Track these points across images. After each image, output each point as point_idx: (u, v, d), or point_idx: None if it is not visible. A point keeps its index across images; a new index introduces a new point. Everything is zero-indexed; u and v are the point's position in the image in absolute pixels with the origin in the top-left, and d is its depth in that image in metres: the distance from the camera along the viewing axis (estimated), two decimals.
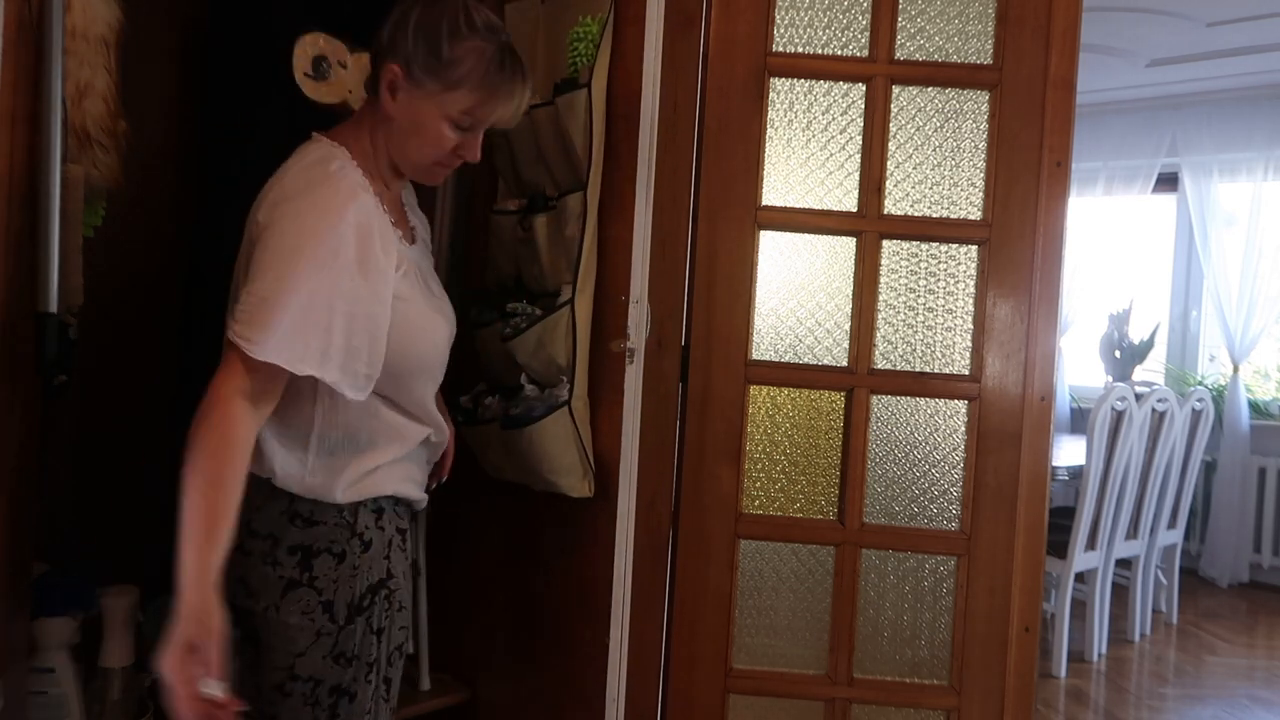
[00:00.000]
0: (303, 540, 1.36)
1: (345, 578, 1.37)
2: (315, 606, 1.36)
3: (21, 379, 1.41)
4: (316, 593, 1.36)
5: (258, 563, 1.36)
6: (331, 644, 1.37)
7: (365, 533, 1.40)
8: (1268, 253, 5.02)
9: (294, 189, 1.32)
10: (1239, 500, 5.00)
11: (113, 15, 1.48)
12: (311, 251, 1.26)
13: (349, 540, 1.38)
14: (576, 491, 1.81)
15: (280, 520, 1.36)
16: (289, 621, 1.36)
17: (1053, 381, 1.83)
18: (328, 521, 1.37)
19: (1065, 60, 1.81)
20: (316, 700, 1.38)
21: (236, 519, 1.30)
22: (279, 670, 1.38)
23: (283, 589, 1.36)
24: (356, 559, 1.38)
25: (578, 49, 1.83)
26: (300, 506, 1.37)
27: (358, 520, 1.39)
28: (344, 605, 1.37)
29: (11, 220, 1.36)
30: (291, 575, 1.36)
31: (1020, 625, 1.83)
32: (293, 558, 1.36)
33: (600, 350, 1.83)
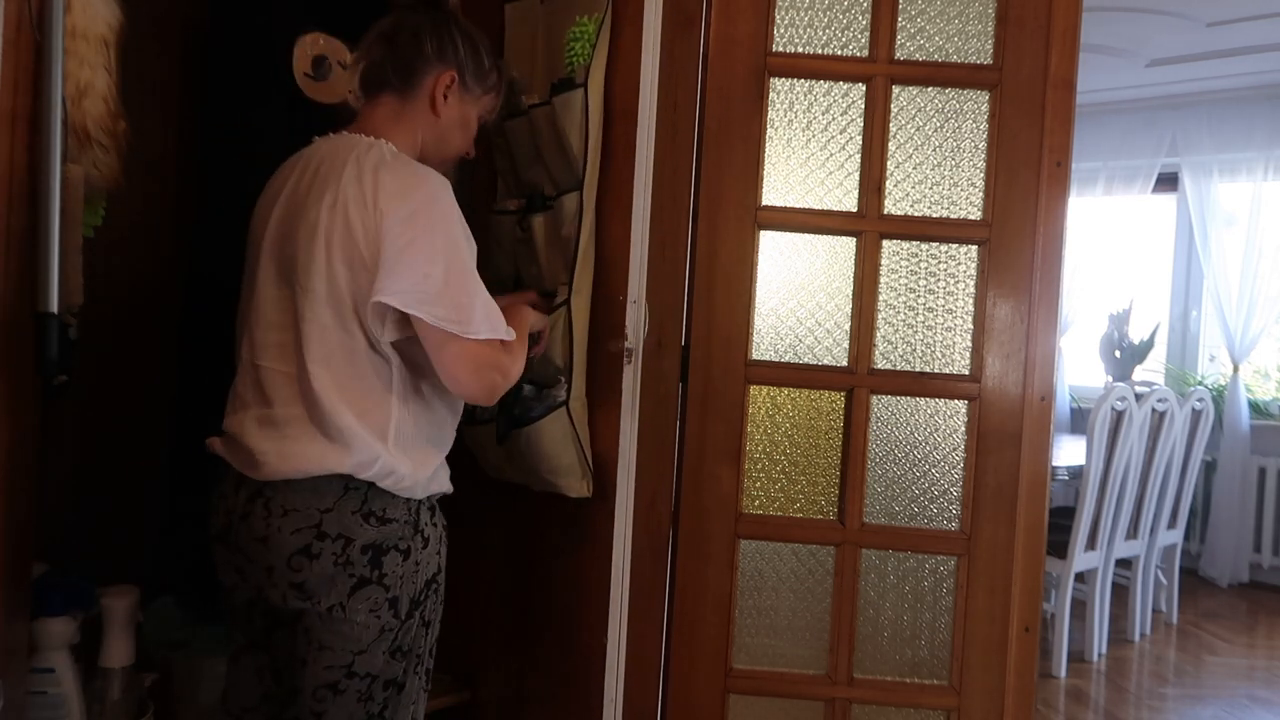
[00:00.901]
0: (375, 539, 1.39)
1: (409, 574, 1.42)
2: (383, 604, 1.39)
3: (21, 379, 1.41)
4: (385, 590, 1.39)
5: (326, 564, 1.37)
6: (392, 639, 1.41)
7: (425, 529, 1.46)
8: (1268, 253, 5.02)
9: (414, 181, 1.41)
10: (1239, 500, 5.00)
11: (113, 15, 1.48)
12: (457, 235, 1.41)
13: (414, 537, 1.43)
14: (575, 492, 1.81)
15: (353, 520, 1.38)
16: (356, 620, 1.38)
17: (1053, 381, 1.83)
18: (398, 519, 1.41)
19: (1065, 60, 1.81)
20: (370, 695, 1.41)
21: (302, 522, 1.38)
22: (335, 669, 1.39)
23: (351, 587, 1.37)
24: (419, 555, 1.44)
25: (574, 49, 1.83)
26: (374, 504, 1.39)
27: (420, 517, 1.45)
28: (407, 601, 1.42)
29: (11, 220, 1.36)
30: (362, 574, 1.38)
31: (1020, 625, 1.83)
32: (364, 556, 1.38)
33: (599, 351, 1.83)
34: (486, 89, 1.58)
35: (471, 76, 1.55)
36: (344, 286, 1.36)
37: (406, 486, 1.42)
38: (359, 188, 1.37)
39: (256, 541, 1.39)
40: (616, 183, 1.80)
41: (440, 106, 1.52)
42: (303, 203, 1.41)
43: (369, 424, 1.39)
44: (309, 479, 1.37)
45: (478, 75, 1.56)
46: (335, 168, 1.40)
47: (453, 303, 1.36)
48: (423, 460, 1.45)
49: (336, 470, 1.37)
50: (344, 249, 1.36)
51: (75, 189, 1.42)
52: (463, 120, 1.56)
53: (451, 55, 1.52)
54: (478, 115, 1.59)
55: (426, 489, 1.46)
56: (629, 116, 1.78)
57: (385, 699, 1.42)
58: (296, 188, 1.44)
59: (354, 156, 1.41)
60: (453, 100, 1.53)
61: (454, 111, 1.54)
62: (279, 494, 1.38)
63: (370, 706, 1.41)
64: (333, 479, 1.37)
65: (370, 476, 1.38)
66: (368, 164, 1.40)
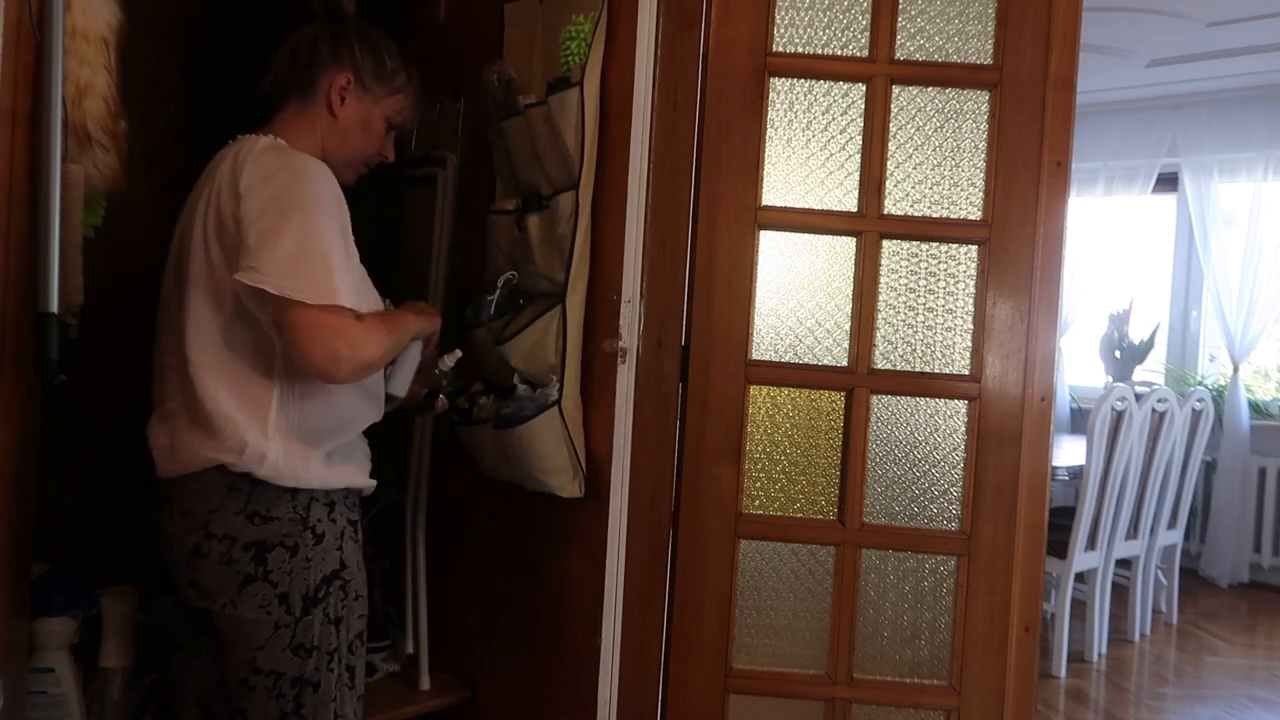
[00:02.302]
0: (258, 537, 1.41)
1: (299, 570, 1.43)
2: (271, 599, 1.41)
3: (21, 379, 1.41)
4: (272, 586, 1.41)
5: (214, 564, 1.41)
6: (290, 636, 1.42)
7: (317, 525, 1.45)
8: (1268, 253, 5.02)
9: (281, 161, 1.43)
10: (1239, 500, 5.00)
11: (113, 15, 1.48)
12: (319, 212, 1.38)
13: (301, 533, 1.43)
14: (566, 491, 1.82)
15: (237, 520, 1.40)
16: (246, 616, 1.41)
17: (1053, 381, 1.83)
18: (282, 517, 1.42)
19: (1065, 60, 1.81)
20: (280, 693, 1.43)
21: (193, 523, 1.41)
22: (242, 665, 1.43)
23: (239, 585, 1.40)
24: (309, 551, 1.44)
25: (570, 48, 1.83)
26: (257, 504, 1.41)
27: (310, 514, 1.45)
28: (299, 597, 1.43)
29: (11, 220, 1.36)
30: (247, 571, 1.40)
31: (1020, 625, 1.83)
32: (247, 554, 1.40)
33: (594, 350, 1.83)
34: (391, 90, 1.59)
35: (370, 77, 1.57)
36: (222, 272, 1.40)
37: (283, 474, 1.41)
38: (231, 177, 1.42)
39: (165, 541, 1.46)
40: (613, 182, 1.80)
41: (337, 107, 1.55)
42: (192, 203, 1.49)
43: (246, 409, 1.40)
44: (196, 478, 1.41)
45: (378, 76, 1.57)
46: (220, 164, 1.46)
47: (299, 272, 1.33)
48: (309, 447, 1.44)
49: (212, 460, 1.39)
50: (217, 234, 1.41)
51: (75, 189, 1.42)
52: (363, 121, 1.58)
53: (346, 58, 1.55)
54: (383, 116, 1.59)
55: (319, 480, 1.45)
56: (625, 116, 1.78)
57: (297, 696, 1.44)
58: (196, 191, 1.51)
59: (234, 152, 1.46)
60: (350, 101, 1.56)
61: (352, 112, 1.56)
62: (177, 494, 1.44)
63: (283, 704, 1.43)
64: (215, 476, 1.40)
65: (243, 465, 1.39)
66: (243, 154, 1.44)
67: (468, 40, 2.17)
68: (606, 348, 1.80)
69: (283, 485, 1.42)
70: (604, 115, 1.81)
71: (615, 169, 1.80)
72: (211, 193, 1.44)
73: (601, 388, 1.81)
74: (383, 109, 1.59)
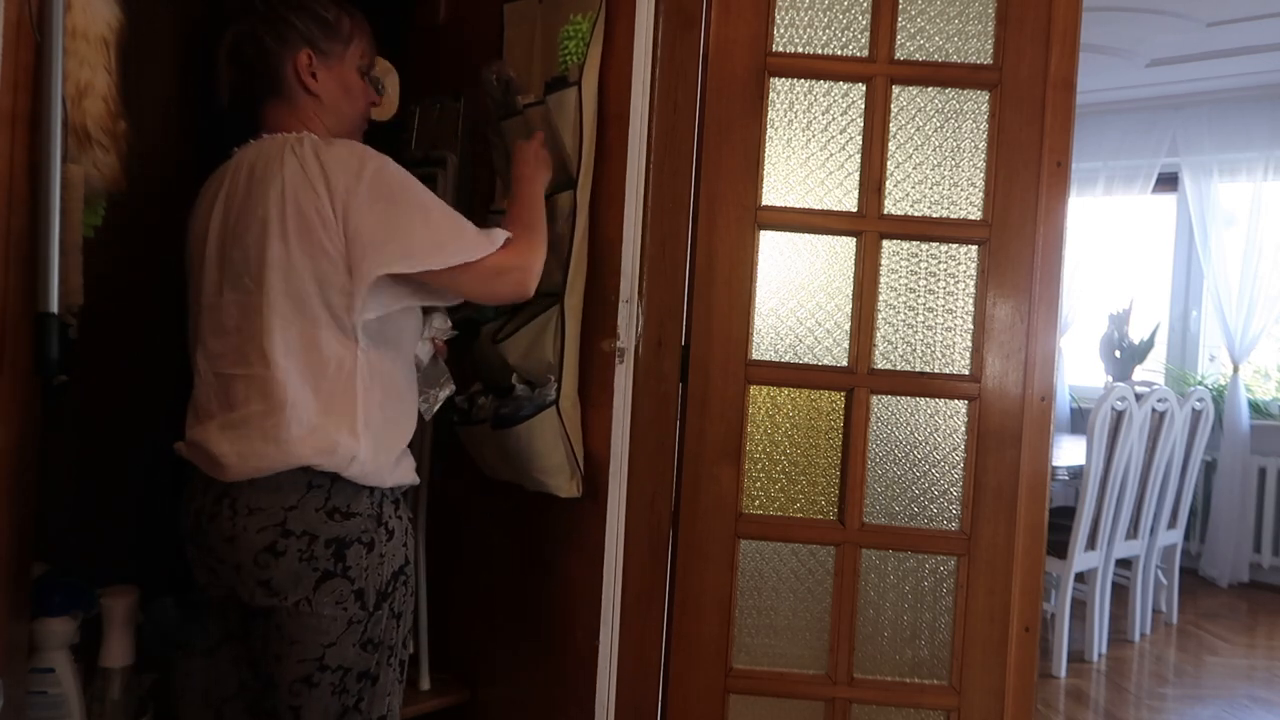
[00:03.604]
0: (339, 534, 1.41)
1: (374, 566, 1.44)
2: (348, 595, 1.42)
3: (21, 379, 1.41)
4: (350, 582, 1.42)
5: (291, 561, 1.39)
6: (361, 631, 1.43)
7: (389, 521, 1.47)
8: (1268, 253, 5.02)
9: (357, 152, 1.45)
10: (1239, 500, 5.00)
11: (113, 15, 1.48)
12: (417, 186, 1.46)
13: (377, 529, 1.45)
14: (564, 491, 1.82)
15: (317, 517, 1.40)
16: (323, 613, 1.40)
17: (1053, 381, 1.83)
18: (361, 513, 1.44)
19: (1065, 60, 1.81)
20: (344, 688, 1.43)
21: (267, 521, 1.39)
22: (307, 662, 1.42)
23: (316, 581, 1.40)
24: (383, 547, 1.46)
25: (568, 47, 1.83)
26: (337, 501, 1.42)
27: (383, 510, 1.47)
28: (373, 592, 1.44)
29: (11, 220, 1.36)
30: (326, 567, 1.40)
31: (1020, 625, 1.83)
32: (328, 550, 1.40)
33: (592, 350, 1.83)
34: (346, 41, 1.56)
35: (324, 42, 1.54)
36: (305, 275, 1.39)
37: (369, 473, 1.43)
38: (304, 176, 1.39)
39: (225, 541, 1.42)
40: (611, 182, 1.80)
41: (313, 87, 1.53)
42: (244, 205, 1.43)
43: (335, 412, 1.41)
44: (271, 477, 1.39)
45: (329, 36, 1.54)
46: (273, 164, 1.42)
47: (452, 242, 1.44)
48: (388, 444, 1.47)
49: (299, 463, 1.39)
50: (300, 237, 1.38)
51: (75, 189, 1.42)
52: (342, 85, 1.56)
53: (295, 35, 1.52)
54: (355, 69, 1.57)
55: (391, 478, 1.48)
56: (623, 115, 1.78)
57: (359, 691, 1.44)
58: (232, 194, 1.46)
59: (288, 149, 1.43)
60: (321, 74, 1.53)
61: (328, 84, 1.54)
62: (244, 494, 1.41)
63: (345, 699, 1.43)
64: (296, 475, 1.40)
65: (333, 465, 1.40)
66: (306, 153, 1.42)
67: (468, 40, 2.17)
68: (605, 348, 1.80)
69: (363, 484, 1.43)
70: (602, 115, 1.81)
71: (614, 168, 1.80)
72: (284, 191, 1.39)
73: (600, 388, 1.81)
74: (350, 63, 1.56)
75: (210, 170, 1.57)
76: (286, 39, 1.51)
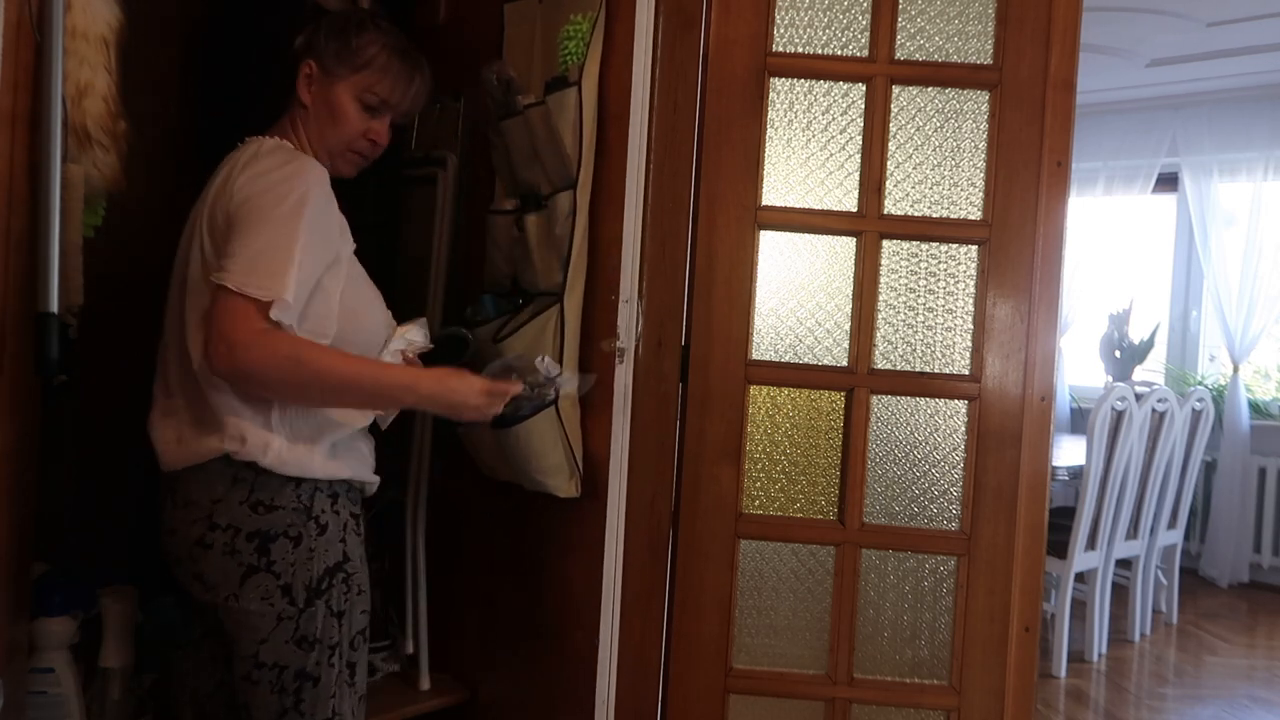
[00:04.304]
0: (261, 526, 1.40)
1: (302, 561, 1.42)
2: (274, 591, 1.40)
3: (21, 379, 1.41)
4: (274, 577, 1.40)
5: (217, 555, 1.40)
6: (293, 628, 1.41)
7: (321, 516, 1.45)
8: (1268, 253, 5.02)
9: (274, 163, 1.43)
10: (1239, 500, 5.00)
11: (113, 15, 1.48)
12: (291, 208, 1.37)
13: (305, 524, 1.42)
14: (563, 492, 1.82)
15: (241, 510, 1.40)
16: (249, 609, 1.39)
17: (1053, 381, 1.83)
18: (285, 506, 1.42)
19: (1065, 60, 1.81)
20: (282, 687, 1.42)
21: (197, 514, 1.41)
22: (245, 659, 1.42)
23: (241, 576, 1.39)
24: (313, 542, 1.43)
25: (568, 47, 1.83)
26: (261, 493, 1.40)
27: (314, 504, 1.44)
28: (302, 588, 1.41)
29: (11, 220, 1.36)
30: (250, 562, 1.39)
31: (1020, 625, 1.83)
32: (251, 544, 1.39)
33: (592, 350, 1.83)
34: (355, 67, 1.54)
35: (332, 58, 1.54)
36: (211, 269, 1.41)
37: (287, 462, 1.41)
38: (226, 182, 1.44)
39: (167, 534, 1.46)
40: (611, 182, 1.80)
41: (304, 97, 1.55)
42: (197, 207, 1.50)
43: (250, 402, 1.40)
44: (201, 469, 1.41)
45: (340, 56, 1.54)
46: (223, 166, 1.49)
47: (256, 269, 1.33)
48: (310, 434, 1.44)
49: (216, 450, 1.39)
50: (210, 233, 1.43)
51: (75, 189, 1.42)
52: (329, 107, 1.55)
53: (312, 46, 1.55)
54: (352, 96, 1.55)
55: (322, 469, 1.45)
56: (623, 115, 1.78)
57: (298, 690, 1.42)
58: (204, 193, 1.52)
59: (239, 153, 1.49)
60: (316, 88, 1.55)
61: (320, 99, 1.55)
62: (180, 485, 1.44)
63: (284, 699, 1.42)
64: (220, 466, 1.40)
65: (247, 454, 1.39)
66: (240, 159, 1.46)
67: (468, 40, 2.17)
68: (604, 348, 1.80)
69: (286, 474, 1.42)
70: (602, 115, 1.81)
71: (614, 169, 1.80)
72: (209, 194, 1.46)
73: (600, 388, 1.81)
74: (348, 88, 1.54)
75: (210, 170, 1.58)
76: (309, 46, 1.56)
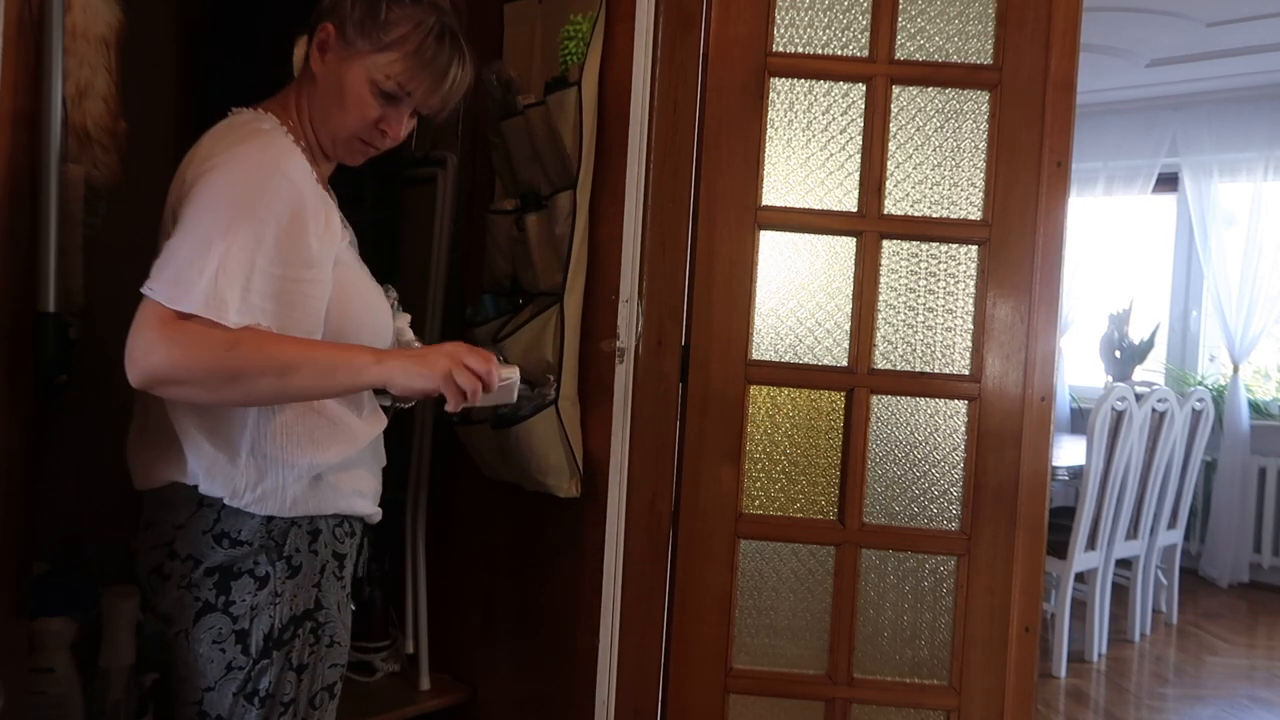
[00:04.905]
0: (222, 561, 1.23)
1: (265, 605, 1.23)
2: (228, 635, 1.23)
3: (21, 379, 1.41)
4: (231, 619, 1.23)
5: (173, 587, 1.24)
6: (242, 680, 1.24)
7: (294, 556, 1.26)
8: (1268, 253, 5.02)
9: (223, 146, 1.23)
10: (1239, 500, 5.00)
11: (113, 15, 1.48)
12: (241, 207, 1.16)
13: (274, 563, 1.24)
14: (563, 492, 1.82)
15: (204, 540, 1.23)
16: (199, 650, 1.23)
17: (1053, 381, 1.83)
18: (252, 542, 1.23)
19: (1065, 60, 1.81)
20: None
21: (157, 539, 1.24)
22: (188, 705, 1.26)
23: (195, 614, 1.23)
24: (280, 584, 1.24)
25: (568, 47, 1.83)
26: (227, 523, 1.23)
27: (287, 541, 1.25)
28: (261, 636, 1.23)
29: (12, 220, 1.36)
30: (206, 599, 1.23)
31: (1020, 625, 1.83)
32: (209, 579, 1.23)
33: (592, 350, 1.83)
34: (378, 45, 1.27)
35: (354, 28, 1.27)
36: None
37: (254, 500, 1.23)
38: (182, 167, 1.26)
39: (131, 556, 1.31)
40: (611, 181, 1.81)
41: (317, 65, 1.30)
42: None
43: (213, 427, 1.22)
44: (165, 491, 1.26)
45: (363, 28, 1.27)
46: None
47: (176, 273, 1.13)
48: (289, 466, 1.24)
49: (178, 480, 1.24)
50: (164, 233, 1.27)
51: (75, 189, 1.42)
52: (339, 85, 1.29)
53: (340, 6, 1.29)
54: (367, 79, 1.28)
55: (300, 507, 1.26)
56: (623, 115, 1.78)
57: None
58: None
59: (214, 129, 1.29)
60: (329, 57, 1.29)
61: (331, 71, 1.29)
62: (146, 506, 1.29)
63: None
64: (189, 490, 1.24)
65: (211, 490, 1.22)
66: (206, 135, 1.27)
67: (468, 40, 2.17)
68: (604, 348, 1.81)
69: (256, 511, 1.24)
70: (602, 115, 1.82)
71: (614, 168, 1.80)
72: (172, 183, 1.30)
73: (599, 388, 1.81)
74: (364, 69, 1.28)
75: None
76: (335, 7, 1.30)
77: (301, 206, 1.21)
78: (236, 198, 1.17)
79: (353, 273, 1.33)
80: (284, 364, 1.15)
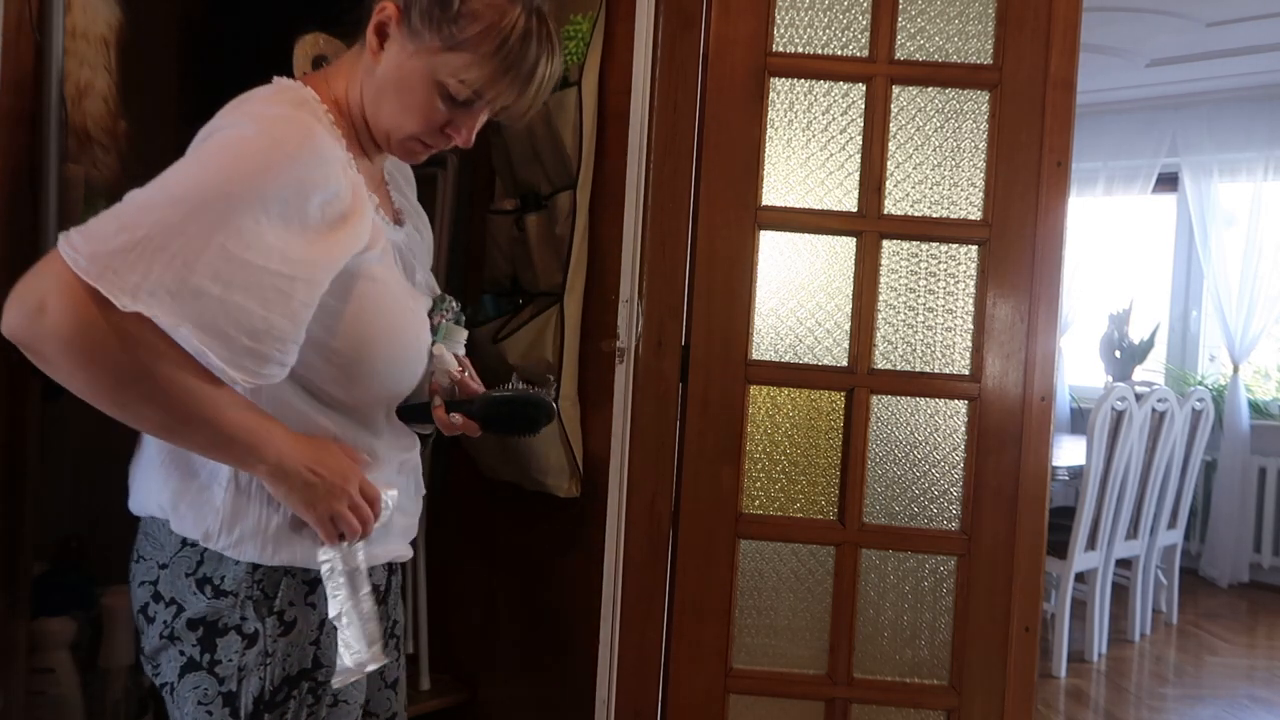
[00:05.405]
0: (205, 613, 1.07)
1: (254, 665, 1.08)
2: (214, 697, 1.07)
3: (20, 379, 1.41)
4: (217, 680, 1.07)
5: (156, 634, 1.10)
6: None
7: (287, 611, 1.09)
8: (1268, 253, 5.02)
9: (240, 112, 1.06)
10: (1239, 500, 5.00)
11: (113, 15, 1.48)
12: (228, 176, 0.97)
13: (265, 618, 1.08)
14: (563, 492, 1.82)
15: (185, 585, 1.07)
16: (185, 709, 1.09)
17: (1053, 381, 1.83)
18: (238, 593, 1.07)
19: (1065, 60, 1.81)
20: None
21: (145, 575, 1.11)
22: None
23: (180, 669, 1.08)
24: (272, 643, 1.08)
25: (568, 47, 1.83)
26: (209, 568, 1.07)
27: (279, 594, 1.08)
28: (249, 700, 1.08)
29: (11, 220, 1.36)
30: (191, 655, 1.08)
31: (1020, 625, 1.83)
32: (192, 633, 1.07)
33: (592, 350, 1.83)
34: (448, 43, 1.06)
35: (421, 17, 1.06)
36: None
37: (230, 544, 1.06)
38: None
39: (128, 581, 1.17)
40: (611, 181, 1.81)
41: (374, 49, 1.10)
42: None
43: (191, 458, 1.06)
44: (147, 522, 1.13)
45: (430, 18, 1.06)
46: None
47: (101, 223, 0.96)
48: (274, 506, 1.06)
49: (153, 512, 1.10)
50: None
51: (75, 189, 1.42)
52: (398, 76, 1.09)
53: None
54: (430, 78, 1.08)
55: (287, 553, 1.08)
56: (623, 115, 1.78)
57: None
58: None
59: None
60: (391, 45, 1.09)
61: (390, 61, 1.09)
62: (139, 532, 1.15)
63: None
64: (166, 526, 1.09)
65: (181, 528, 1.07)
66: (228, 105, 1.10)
67: None
68: (604, 348, 1.81)
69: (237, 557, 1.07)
70: (602, 115, 1.82)
71: (613, 168, 1.80)
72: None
73: (600, 388, 1.82)
74: (430, 66, 1.08)
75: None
76: None
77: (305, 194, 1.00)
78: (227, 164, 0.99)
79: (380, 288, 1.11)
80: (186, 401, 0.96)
